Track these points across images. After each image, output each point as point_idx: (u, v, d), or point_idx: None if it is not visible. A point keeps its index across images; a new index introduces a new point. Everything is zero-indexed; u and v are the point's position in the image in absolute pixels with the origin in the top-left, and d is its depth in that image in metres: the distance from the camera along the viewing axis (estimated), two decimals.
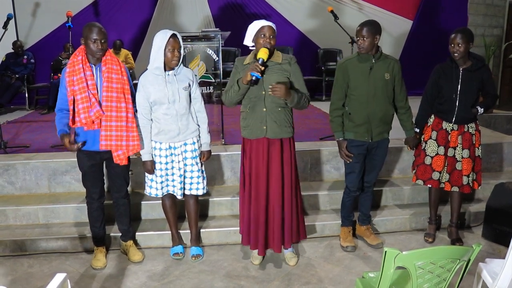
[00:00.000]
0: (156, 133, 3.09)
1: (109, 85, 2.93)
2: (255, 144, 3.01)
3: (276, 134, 2.97)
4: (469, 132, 3.36)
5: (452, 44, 3.22)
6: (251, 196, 3.07)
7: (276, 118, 2.95)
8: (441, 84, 3.35)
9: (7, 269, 3.22)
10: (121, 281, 3.06)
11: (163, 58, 2.94)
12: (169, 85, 3.00)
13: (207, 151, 3.24)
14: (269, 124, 2.94)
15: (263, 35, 2.86)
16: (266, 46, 2.84)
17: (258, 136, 2.98)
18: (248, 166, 3.07)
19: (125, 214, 3.32)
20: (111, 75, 2.94)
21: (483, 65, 3.30)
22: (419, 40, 8.17)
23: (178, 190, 3.19)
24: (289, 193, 3.06)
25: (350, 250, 3.46)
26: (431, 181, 3.46)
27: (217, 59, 4.48)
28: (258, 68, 2.78)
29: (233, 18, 7.77)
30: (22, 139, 4.96)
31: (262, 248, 3.13)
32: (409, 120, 3.34)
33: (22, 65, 7.13)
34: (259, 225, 3.07)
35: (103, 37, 2.90)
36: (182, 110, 3.06)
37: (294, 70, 2.98)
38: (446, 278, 1.84)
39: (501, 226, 3.56)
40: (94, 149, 3.00)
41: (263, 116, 2.94)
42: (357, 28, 3.12)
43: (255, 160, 3.02)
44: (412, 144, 3.46)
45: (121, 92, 2.96)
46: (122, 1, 7.69)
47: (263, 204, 3.03)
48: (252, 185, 3.05)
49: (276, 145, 2.99)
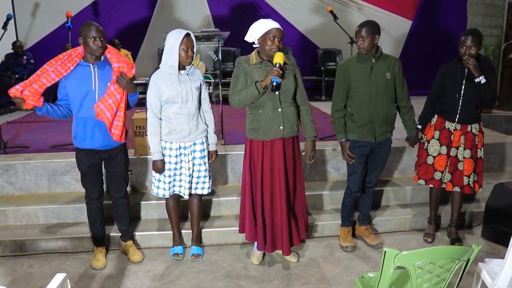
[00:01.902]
0: (167, 132, 3.08)
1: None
2: (270, 145, 2.99)
3: (290, 133, 3.01)
4: (472, 132, 3.35)
5: (464, 46, 3.18)
6: (264, 197, 3.04)
7: (290, 117, 2.99)
8: (445, 83, 3.36)
9: (7, 269, 3.22)
10: (121, 281, 3.06)
11: (177, 57, 2.95)
12: (182, 84, 3.01)
13: (214, 151, 3.26)
14: (286, 124, 2.97)
15: (272, 37, 2.84)
16: (275, 50, 2.85)
17: (274, 136, 2.97)
18: (258, 168, 3.02)
19: (125, 214, 3.32)
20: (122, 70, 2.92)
21: (489, 66, 3.28)
22: (418, 40, 8.17)
23: (186, 190, 3.19)
24: (300, 192, 3.12)
25: (349, 250, 3.46)
26: (433, 181, 3.45)
27: (217, 59, 4.49)
28: (277, 73, 2.79)
29: (233, 18, 7.78)
30: (22, 139, 4.96)
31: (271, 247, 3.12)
32: (411, 120, 3.35)
33: (22, 65, 7.12)
34: (275, 226, 3.06)
35: (102, 35, 2.90)
36: (193, 110, 3.07)
37: (296, 69, 3.05)
38: (446, 278, 1.84)
39: (500, 226, 3.56)
40: (93, 146, 3.01)
41: (280, 116, 2.94)
42: (356, 29, 3.13)
43: (269, 160, 2.99)
44: (413, 142, 3.48)
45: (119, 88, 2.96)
46: (122, 1, 7.70)
47: (281, 204, 3.01)
48: (265, 186, 3.02)
49: (290, 143, 3.03)
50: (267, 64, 2.93)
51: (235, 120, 4.93)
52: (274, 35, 2.84)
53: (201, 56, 4.45)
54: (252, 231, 3.14)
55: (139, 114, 4.04)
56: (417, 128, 3.45)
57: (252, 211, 3.10)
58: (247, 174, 3.08)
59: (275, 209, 3.04)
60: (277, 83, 2.79)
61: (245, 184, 3.11)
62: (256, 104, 2.96)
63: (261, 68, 2.93)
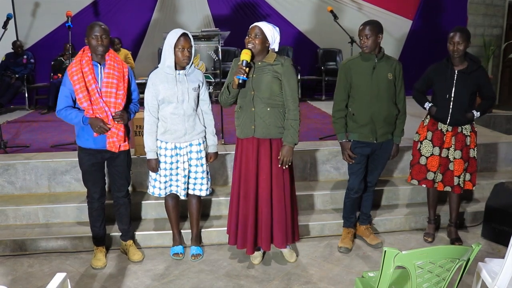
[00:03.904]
0: (162, 132, 3.08)
1: (109, 81, 2.95)
2: (245, 143, 3.02)
3: (264, 134, 2.97)
4: (463, 133, 3.35)
5: (451, 42, 3.22)
6: (240, 195, 3.07)
7: (265, 118, 2.94)
8: (433, 82, 3.37)
9: (7, 268, 3.22)
10: (121, 280, 3.06)
11: (173, 57, 2.95)
12: (179, 84, 3.01)
13: (213, 153, 3.25)
14: (257, 124, 2.95)
15: (248, 35, 2.89)
16: (248, 47, 2.87)
17: (247, 135, 2.99)
18: (238, 165, 3.08)
19: (126, 214, 3.32)
20: (113, 72, 2.97)
21: (478, 67, 3.29)
22: (418, 40, 8.17)
23: (182, 190, 3.19)
24: (279, 194, 3.03)
25: (342, 251, 3.44)
26: (426, 181, 3.47)
27: (217, 59, 4.49)
28: (242, 71, 2.82)
29: (233, 18, 7.78)
30: (22, 139, 4.96)
31: (251, 247, 3.11)
32: (400, 127, 3.29)
33: (22, 65, 7.12)
34: (248, 225, 3.07)
35: (103, 33, 2.93)
36: (190, 111, 3.06)
37: (285, 71, 2.92)
38: (446, 277, 1.84)
39: (500, 226, 3.56)
40: (97, 147, 3.02)
41: (252, 116, 2.95)
42: (360, 28, 3.12)
43: (245, 159, 3.03)
44: (394, 152, 3.33)
45: (121, 89, 2.99)
46: (122, 1, 7.69)
47: (252, 203, 3.03)
48: (242, 184, 3.05)
49: (266, 145, 2.99)
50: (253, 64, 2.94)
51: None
52: (249, 32, 2.89)
53: (201, 56, 4.46)
54: (234, 235, 3.16)
55: (138, 114, 4.03)
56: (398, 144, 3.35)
57: (236, 212, 3.12)
58: (233, 171, 3.16)
59: (249, 209, 3.05)
60: (243, 80, 2.83)
61: (232, 181, 3.17)
62: (239, 102, 3.02)
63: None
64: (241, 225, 3.09)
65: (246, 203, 3.05)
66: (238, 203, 3.09)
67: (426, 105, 3.44)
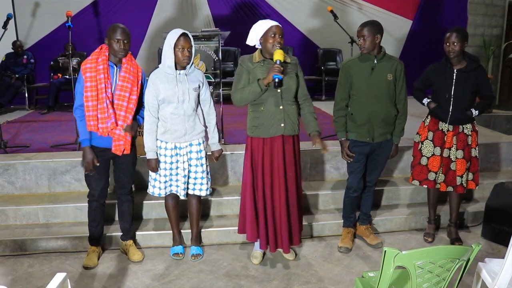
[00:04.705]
0: (162, 132, 3.09)
1: (123, 85, 2.97)
2: (270, 142, 3.00)
3: (291, 131, 3.01)
4: (464, 132, 3.36)
5: (448, 43, 3.22)
6: (265, 194, 3.05)
7: (291, 115, 3.00)
8: (432, 82, 3.38)
9: (7, 268, 3.22)
10: (121, 280, 3.06)
11: (173, 57, 2.95)
12: (179, 84, 3.01)
13: (217, 150, 3.27)
14: (287, 121, 2.98)
15: (273, 35, 2.87)
16: (277, 47, 2.86)
17: (275, 134, 2.98)
18: (259, 166, 3.03)
19: (128, 212, 3.32)
20: (128, 76, 2.99)
21: (477, 66, 3.29)
22: (418, 40, 8.17)
23: (182, 190, 3.19)
24: (294, 191, 3.09)
25: (342, 251, 3.44)
26: (427, 181, 3.47)
27: (217, 59, 4.49)
28: (279, 70, 2.80)
29: (233, 18, 7.77)
30: (22, 139, 4.96)
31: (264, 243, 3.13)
32: (400, 127, 3.29)
33: (22, 65, 7.12)
34: (275, 225, 3.07)
35: (125, 38, 2.95)
36: (190, 111, 3.06)
37: (298, 68, 3.05)
38: (446, 277, 1.84)
39: (500, 226, 3.56)
40: (102, 145, 3.02)
41: (281, 114, 2.95)
42: (358, 29, 3.13)
43: (269, 158, 3.01)
44: (393, 152, 3.35)
45: (134, 94, 3.02)
46: (122, 1, 7.68)
47: (281, 202, 3.03)
48: (266, 184, 3.03)
49: (290, 142, 3.03)
50: (270, 62, 2.93)
51: (235, 120, 4.93)
52: (274, 32, 2.87)
53: (201, 56, 4.45)
54: (253, 231, 3.13)
55: None
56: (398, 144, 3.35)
57: (254, 210, 3.10)
58: (248, 172, 3.08)
59: (276, 207, 3.05)
60: (279, 80, 2.81)
61: (246, 183, 3.11)
62: (258, 101, 2.97)
63: (264, 66, 2.95)
64: (271, 226, 3.08)
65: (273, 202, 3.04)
66: (264, 202, 3.06)
67: (424, 100, 3.44)
